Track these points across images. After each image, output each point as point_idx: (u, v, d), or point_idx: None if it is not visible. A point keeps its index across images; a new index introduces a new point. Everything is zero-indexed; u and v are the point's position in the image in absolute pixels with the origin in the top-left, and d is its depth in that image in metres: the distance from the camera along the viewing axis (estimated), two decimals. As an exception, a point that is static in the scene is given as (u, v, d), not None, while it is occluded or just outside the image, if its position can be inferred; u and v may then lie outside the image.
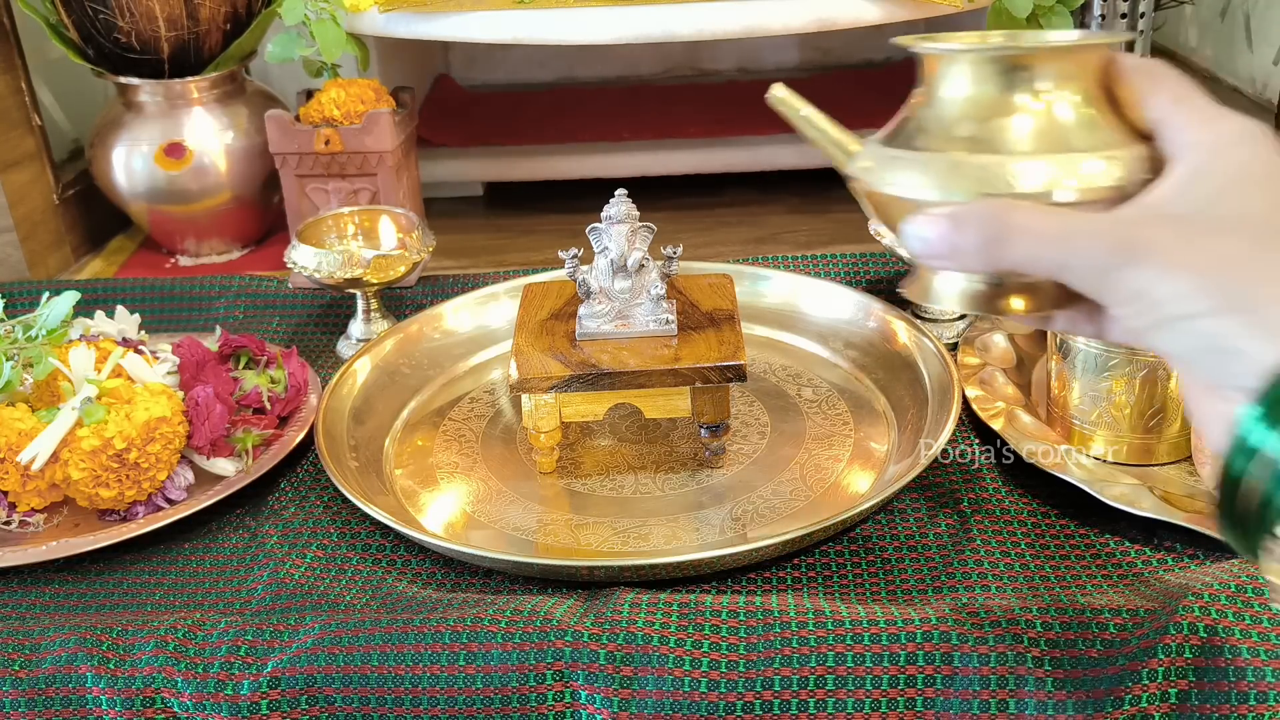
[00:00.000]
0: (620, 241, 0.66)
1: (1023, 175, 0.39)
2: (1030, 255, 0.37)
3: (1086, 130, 0.40)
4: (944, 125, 0.42)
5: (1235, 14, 1.10)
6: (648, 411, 0.66)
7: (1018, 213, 0.37)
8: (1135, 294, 0.35)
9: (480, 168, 1.09)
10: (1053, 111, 0.41)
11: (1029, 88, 0.41)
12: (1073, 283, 0.37)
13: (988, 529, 0.60)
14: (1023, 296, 0.41)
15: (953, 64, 0.42)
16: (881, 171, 0.42)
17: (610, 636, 0.51)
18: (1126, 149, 0.40)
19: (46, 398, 0.66)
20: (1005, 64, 0.41)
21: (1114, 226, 0.37)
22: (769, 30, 0.84)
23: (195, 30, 0.94)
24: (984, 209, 0.38)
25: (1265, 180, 0.36)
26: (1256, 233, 0.35)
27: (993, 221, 0.38)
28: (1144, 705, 0.49)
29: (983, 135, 0.41)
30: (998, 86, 0.41)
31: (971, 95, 0.41)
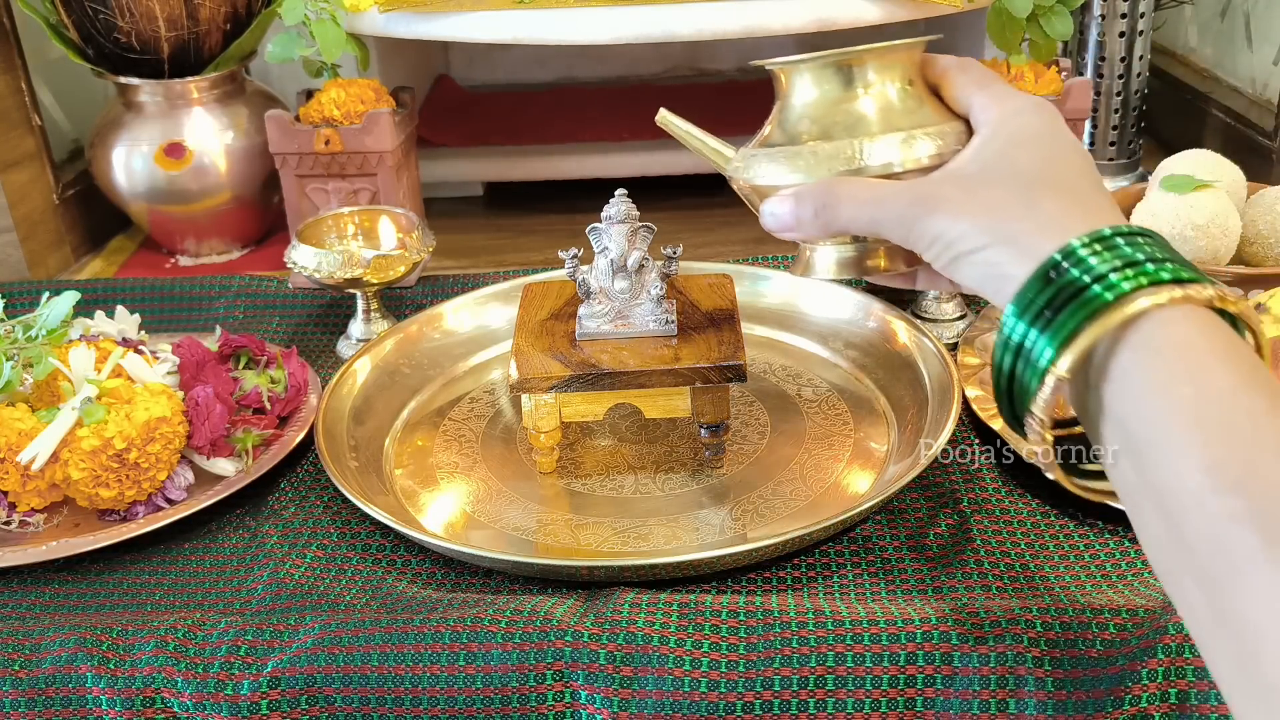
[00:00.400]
0: (620, 241, 0.66)
1: (856, 155, 0.48)
2: (852, 217, 0.46)
3: (909, 114, 0.49)
4: (793, 124, 0.50)
5: (1235, 14, 1.10)
6: (648, 411, 0.66)
7: (840, 185, 0.47)
8: (934, 238, 0.44)
9: (480, 168, 1.09)
10: (878, 102, 0.49)
11: (856, 85, 0.49)
12: (888, 235, 0.46)
13: (988, 529, 0.60)
14: (880, 258, 0.50)
15: (794, 73, 0.50)
16: (748, 168, 0.51)
17: (610, 636, 0.51)
18: (942, 127, 0.48)
19: (46, 398, 0.66)
20: (834, 67, 0.49)
21: (913, 187, 0.45)
22: (769, 30, 0.84)
23: (195, 30, 0.94)
24: (816, 186, 0.48)
25: (1037, 142, 0.45)
26: (1022, 183, 0.43)
27: (822, 194, 0.47)
28: (1144, 705, 0.49)
29: (823, 127, 0.49)
30: (831, 87, 0.50)
31: (811, 97, 0.50)
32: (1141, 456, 0.37)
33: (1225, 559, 0.34)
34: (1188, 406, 0.36)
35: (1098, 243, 0.39)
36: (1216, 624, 0.34)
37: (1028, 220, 0.42)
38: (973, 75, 0.49)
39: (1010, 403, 0.42)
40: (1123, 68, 1.03)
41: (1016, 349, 0.40)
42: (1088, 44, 1.04)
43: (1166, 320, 0.37)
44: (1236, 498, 0.34)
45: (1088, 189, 0.44)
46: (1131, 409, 0.37)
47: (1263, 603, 0.32)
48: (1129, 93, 1.04)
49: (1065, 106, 0.86)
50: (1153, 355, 0.37)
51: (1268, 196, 0.82)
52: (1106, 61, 1.03)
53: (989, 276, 0.42)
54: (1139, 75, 1.04)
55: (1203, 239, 0.78)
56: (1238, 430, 0.35)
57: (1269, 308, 0.65)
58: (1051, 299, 0.39)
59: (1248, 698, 0.33)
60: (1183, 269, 0.39)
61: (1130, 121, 1.06)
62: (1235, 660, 0.34)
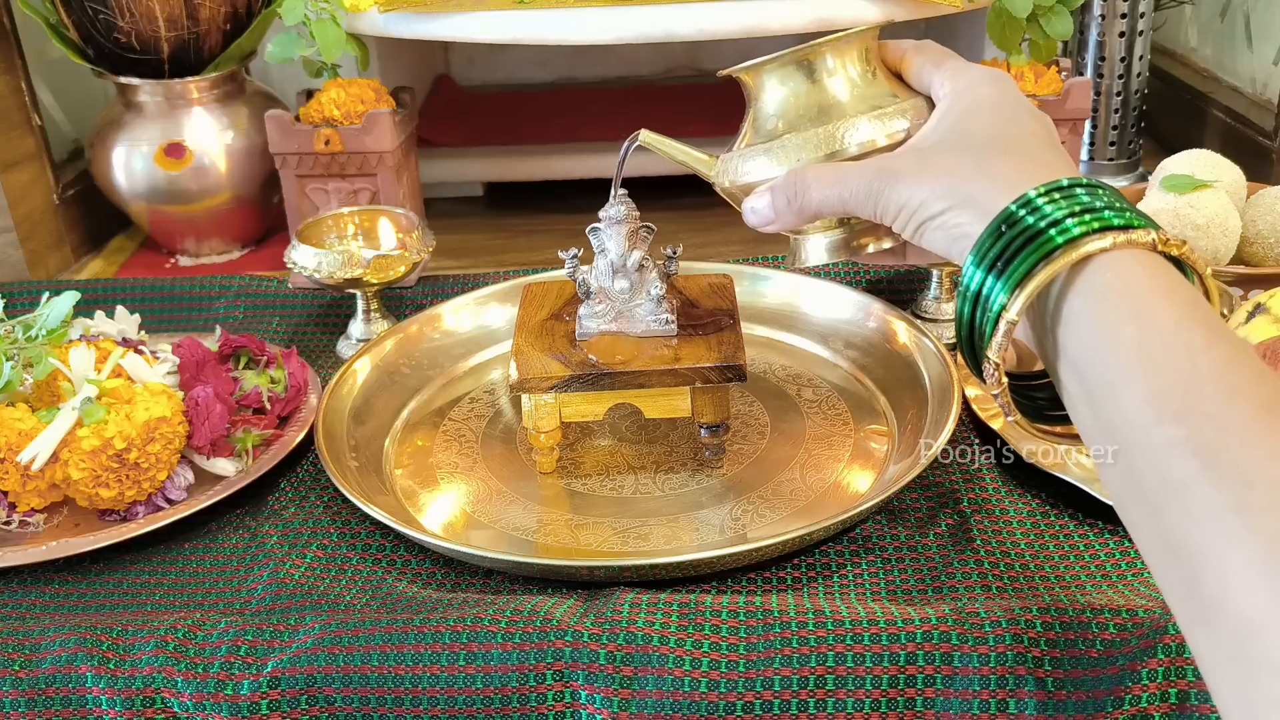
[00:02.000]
0: (620, 241, 0.66)
1: (825, 142, 0.50)
2: (822, 199, 0.49)
3: (872, 97, 0.51)
4: (764, 123, 0.53)
5: (1235, 14, 1.10)
6: (648, 411, 0.66)
7: (808, 171, 0.50)
8: (899, 208, 0.46)
9: (480, 168, 1.09)
10: (841, 89, 0.51)
11: (818, 77, 0.52)
12: (857, 211, 0.48)
13: (988, 529, 0.60)
14: (865, 238, 0.52)
15: (759, 75, 0.53)
16: (728, 172, 0.54)
17: (610, 636, 0.51)
18: (903, 105, 0.50)
19: (46, 398, 0.66)
20: (795, 64, 0.52)
21: (875, 163, 0.48)
22: (769, 30, 0.84)
23: (195, 30, 0.94)
24: (786, 177, 0.50)
25: (991, 110, 0.47)
26: (976, 147, 0.45)
27: (792, 183, 0.50)
28: (1144, 705, 0.49)
29: (792, 121, 0.52)
30: (795, 83, 0.52)
31: (778, 95, 0.53)
32: (1093, 394, 0.39)
33: (1167, 485, 0.35)
34: (1131, 344, 0.38)
35: (1055, 191, 0.41)
36: (1163, 549, 0.36)
37: (982, 180, 0.43)
38: (929, 55, 0.51)
39: (972, 351, 0.44)
40: (1123, 68, 1.03)
41: (974, 298, 0.42)
42: (1088, 44, 1.04)
43: (1112, 263, 0.39)
44: (1177, 426, 0.35)
45: (1040, 148, 0.46)
46: (1082, 350, 0.39)
47: (1201, 523, 0.34)
48: (1129, 93, 1.04)
49: (1065, 106, 0.86)
50: (1100, 297, 0.39)
51: (1268, 196, 0.82)
52: (1106, 61, 1.03)
53: (953, 239, 0.44)
54: (1139, 75, 1.04)
55: (1203, 239, 0.78)
56: (1176, 363, 0.36)
57: (1269, 308, 0.65)
58: (1006, 247, 0.41)
59: (1193, 618, 0.35)
60: (1134, 216, 0.40)
61: (1130, 121, 1.06)
62: (1181, 582, 0.35)
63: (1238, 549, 0.33)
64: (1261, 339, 0.62)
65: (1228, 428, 0.35)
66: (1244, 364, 0.36)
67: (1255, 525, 0.33)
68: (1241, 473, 0.34)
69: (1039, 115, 0.48)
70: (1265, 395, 0.35)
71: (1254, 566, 0.32)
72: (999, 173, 0.43)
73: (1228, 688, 0.33)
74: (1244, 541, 0.33)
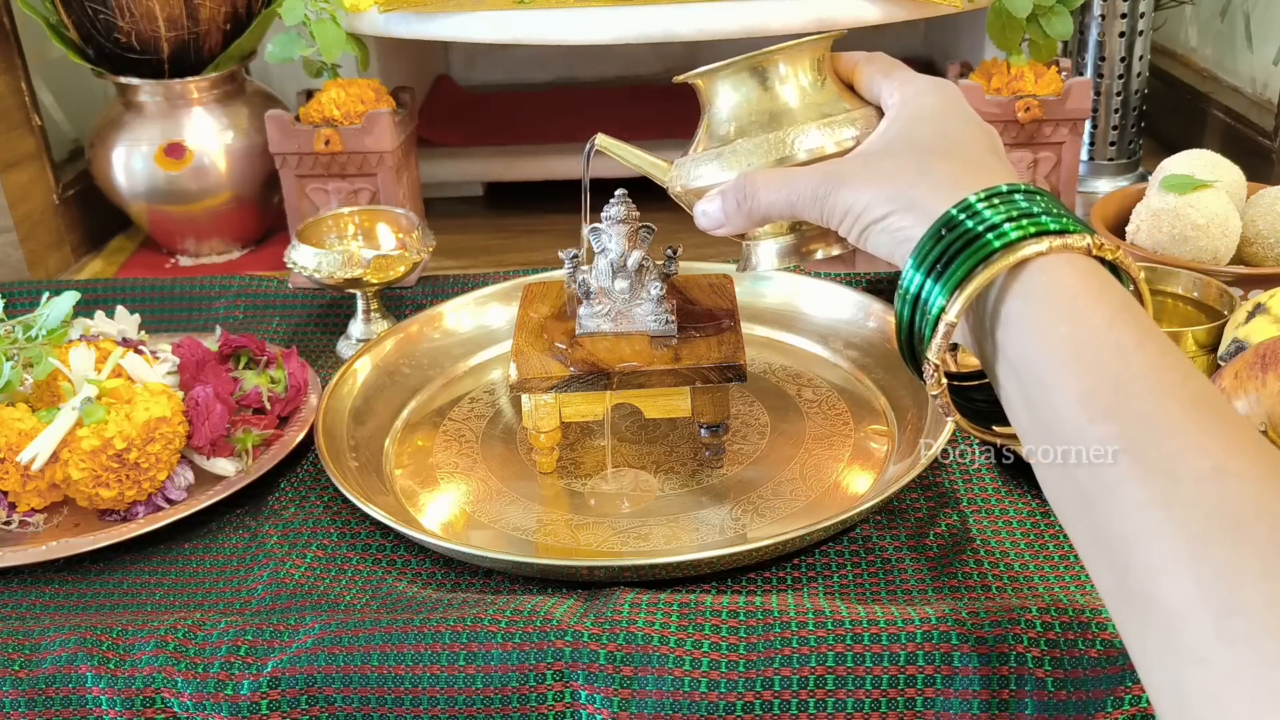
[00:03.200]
0: (620, 242, 0.66)
1: (775, 147, 0.51)
2: (770, 202, 0.49)
3: (822, 105, 0.52)
4: (717, 128, 0.54)
5: (1235, 14, 1.10)
6: (648, 411, 0.66)
7: (757, 175, 0.50)
8: (844, 212, 0.46)
9: (480, 168, 1.09)
10: (792, 97, 0.52)
11: (770, 84, 0.52)
12: (804, 215, 0.48)
13: (987, 529, 0.60)
14: (814, 243, 0.53)
15: (712, 81, 0.54)
16: (681, 176, 0.55)
17: (610, 636, 0.51)
18: (853, 113, 0.51)
19: (46, 398, 0.66)
20: (748, 70, 0.52)
21: (821, 168, 0.48)
22: (769, 30, 0.84)
23: (195, 30, 0.94)
24: (735, 181, 0.51)
25: (935, 118, 0.48)
26: (919, 152, 0.46)
27: (741, 186, 0.50)
28: (1144, 705, 0.49)
29: (743, 126, 0.53)
30: (748, 89, 0.53)
31: (731, 101, 0.53)
32: (1029, 394, 0.40)
33: (1099, 480, 0.36)
34: (1064, 344, 0.38)
35: (994, 197, 0.42)
36: (1094, 543, 0.37)
37: (922, 185, 0.44)
38: (879, 65, 0.52)
39: (912, 353, 0.45)
40: (1123, 68, 1.03)
41: (913, 300, 0.43)
42: (1088, 44, 1.04)
43: (1047, 267, 0.40)
44: (1107, 424, 0.36)
45: (982, 155, 0.46)
46: (1018, 351, 0.40)
47: (1130, 517, 0.35)
48: (1129, 93, 1.04)
49: (1065, 106, 0.86)
50: (1035, 299, 0.40)
51: (1268, 196, 0.82)
52: (1106, 61, 1.03)
53: (896, 242, 0.45)
54: (1139, 75, 1.04)
55: (1203, 239, 0.78)
56: (1108, 363, 0.37)
57: (1269, 308, 0.65)
58: (945, 250, 0.42)
59: (1124, 609, 0.36)
60: (1071, 222, 0.41)
61: (1130, 121, 1.06)
62: (1111, 575, 0.36)
63: (1164, 541, 0.34)
64: (1261, 339, 0.62)
65: (1156, 424, 0.36)
66: (1173, 363, 0.37)
67: (1181, 519, 0.34)
68: (1169, 468, 0.35)
69: (983, 124, 0.48)
70: (1193, 393, 0.36)
71: (1179, 558, 0.33)
72: (940, 178, 0.44)
73: (1157, 677, 0.34)
74: (1170, 534, 0.34)
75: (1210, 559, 0.33)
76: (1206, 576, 0.33)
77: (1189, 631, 0.32)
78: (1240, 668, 0.31)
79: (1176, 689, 0.33)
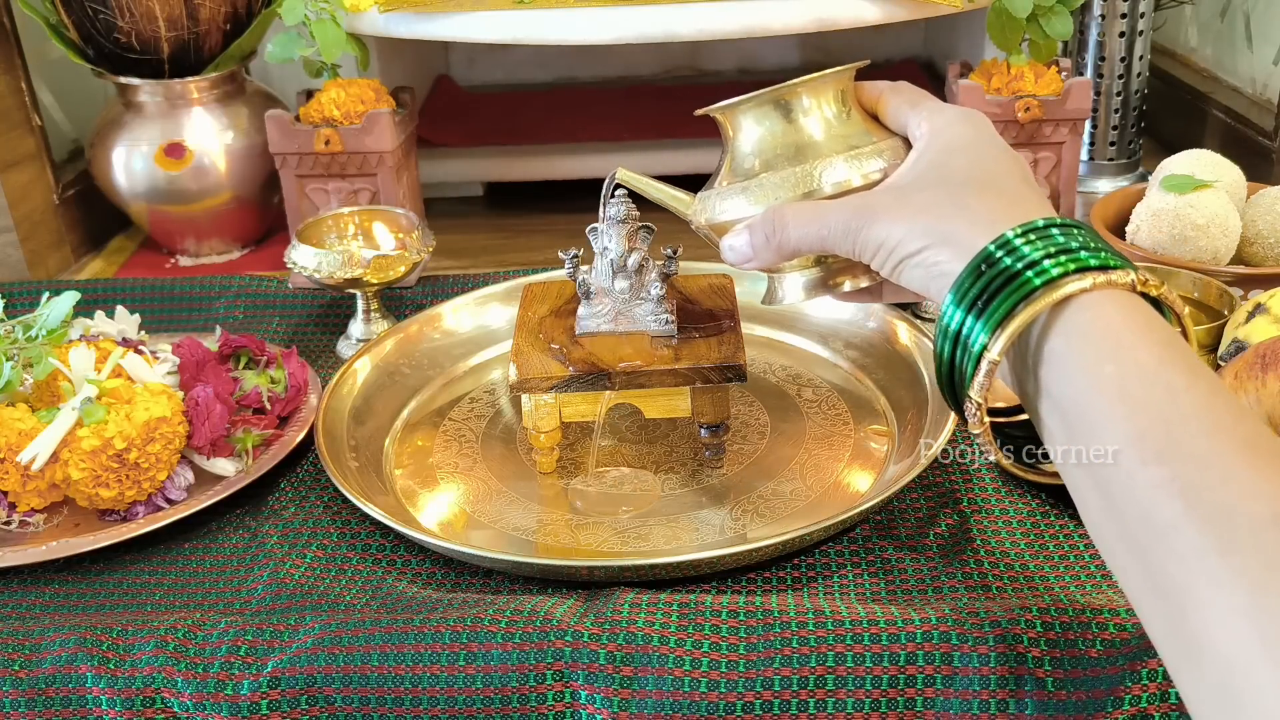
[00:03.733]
0: (620, 241, 0.66)
1: (802, 180, 0.50)
2: (800, 237, 0.49)
3: (848, 137, 0.51)
4: (741, 161, 0.53)
5: (1235, 14, 1.10)
6: (648, 411, 0.66)
7: (787, 208, 0.50)
8: (877, 246, 0.46)
9: (480, 168, 1.09)
10: (817, 129, 0.52)
11: (794, 116, 0.52)
12: (835, 249, 0.48)
13: (988, 529, 0.60)
14: (842, 276, 0.53)
15: (735, 115, 0.53)
16: (706, 210, 0.54)
17: (610, 636, 0.51)
18: (879, 145, 0.51)
19: (46, 398, 0.66)
20: (771, 103, 0.52)
21: (852, 201, 0.48)
22: (769, 30, 0.84)
23: (195, 30, 0.94)
24: (764, 214, 0.50)
25: (966, 149, 0.47)
26: (953, 186, 0.46)
27: (770, 220, 0.50)
28: (1144, 705, 0.49)
29: (768, 159, 0.52)
30: (772, 122, 0.52)
31: (755, 134, 0.53)
32: (1074, 433, 0.39)
33: (1151, 525, 0.35)
34: (1111, 384, 0.38)
35: (1031, 232, 0.41)
36: (1147, 587, 0.36)
37: (960, 219, 0.44)
38: (905, 95, 0.51)
39: (952, 390, 0.45)
40: (1123, 68, 1.03)
41: (954, 337, 0.43)
42: (1088, 44, 1.04)
43: (1091, 304, 0.40)
44: (1160, 467, 0.36)
45: (1016, 187, 0.46)
46: (1062, 389, 0.40)
47: (1186, 564, 0.34)
48: (1129, 93, 1.04)
49: (1065, 106, 0.86)
50: (1079, 337, 0.39)
51: (1268, 196, 0.82)
52: (1106, 61, 1.03)
53: (931, 277, 0.44)
54: (1139, 75, 1.04)
55: (1203, 239, 0.78)
56: (1158, 404, 0.37)
57: (1269, 308, 0.65)
58: (985, 287, 0.41)
59: (1179, 655, 0.35)
60: (1110, 256, 0.41)
61: (1130, 121, 1.06)
62: (1165, 620, 0.35)
63: (1222, 591, 0.33)
64: (1261, 339, 0.62)
65: (1211, 468, 0.35)
66: (1224, 403, 0.37)
67: (1239, 567, 0.33)
68: (1225, 513, 0.34)
69: (1014, 155, 0.48)
70: (1246, 434, 0.36)
71: (1239, 609, 0.33)
72: (976, 211, 0.44)
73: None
74: (1228, 583, 0.33)
75: (1271, 609, 0.32)
76: (1268, 628, 0.32)
77: (1249, 684, 0.32)
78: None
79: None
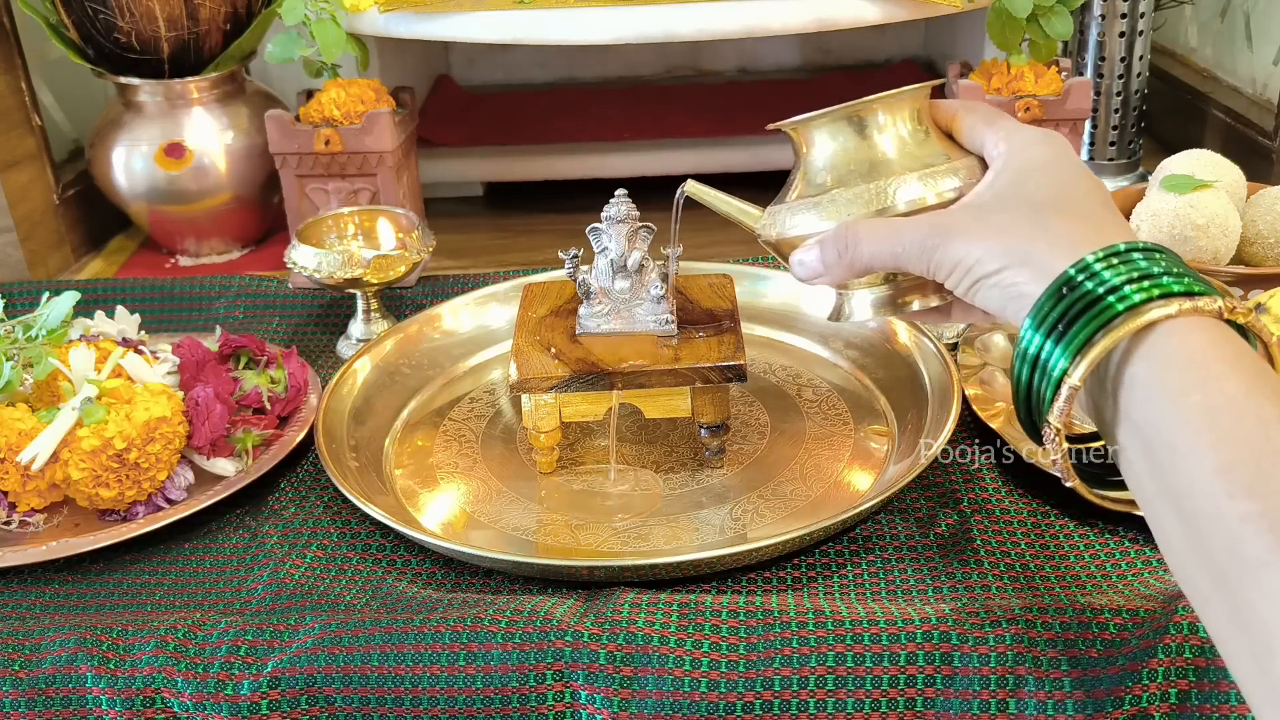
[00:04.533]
0: (620, 241, 0.66)
1: (876, 197, 0.50)
2: (874, 254, 0.48)
3: (922, 155, 0.51)
4: (813, 177, 0.52)
5: (1235, 14, 1.10)
6: (648, 411, 0.66)
7: (861, 224, 0.49)
8: (953, 265, 0.45)
9: (480, 168, 1.09)
10: (891, 146, 0.51)
11: (869, 133, 0.52)
12: (909, 267, 0.47)
13: (988, 529, 0.60)
14: (911, 295, 0.52)
15: (808, 130, 0.52)
16: (775, 225, 0.53)
17: (610, 636, 0.51)
18: (955, 164, 0.50)
19: (46, 398, 0.66)
20: (846, 119, 0.52)
21: (929, 219, 0.47)
22: (769, 30, 0.84)
23: (195, 30, 0.94)
24: (838, 229, 0.50)
25: (1046, 170, 0.47)
26: (1033, 206, 0.45)
27: (844, 236, 0.49)
28: (1144, 705, 0.49)
29: (841, 175, 0.51)
30: (845, 138, 0.52)
31: (828, 150, 0.52)
32: (1157, 461, 0.38)
33: (1239, 559, 0.35)
34: (1198, 413, 0.37)
35: (1113, 256, 0.41)
36: (1233, 623, 0.35)
37: (1040, 240, 0.43)
38: (981, 114, 0.51)
39: (1029, 414, 0.44)
40: (1123, 68, 1.03)
41: (1033, 361, 0.42)
42: (1088, 44, 1.04)
43: (1176, 330, 0.39)
44: (1250, 500, 0.35)
45: (1097, 209, 0.45)
46: (1145, 416, 0.39)
47: (1275, 600, 0.33)
48: (1129, 93, 1.04)
49: (1065, 106, 0.86)
50: (1164, 364, 0.39)
51: (1268, 196, 0.82)
52: (1106, 61, 1.03)
53: (1009, 298, 0.44)
54: (1139, 75, 1.04)
55: (1203, 239, 0.78)
56: (1247, 436, 0.36)
57: (1269, 308, 0.65)
58: (1065, 311, 0.41)
59: (1265, 694, 0.34)
60: (1194, 282, 0.40)
61: (1130, 121, 1.06)
62: (1252, 658, 0.35)
63: None
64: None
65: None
66: None
67: None
68: None
69: (1093, 177, 0.47)
70: None
71: None
72: (1057, 234, 0.43)
73: None
74: None
75: None
76: None
77: None
78: None
79: None
